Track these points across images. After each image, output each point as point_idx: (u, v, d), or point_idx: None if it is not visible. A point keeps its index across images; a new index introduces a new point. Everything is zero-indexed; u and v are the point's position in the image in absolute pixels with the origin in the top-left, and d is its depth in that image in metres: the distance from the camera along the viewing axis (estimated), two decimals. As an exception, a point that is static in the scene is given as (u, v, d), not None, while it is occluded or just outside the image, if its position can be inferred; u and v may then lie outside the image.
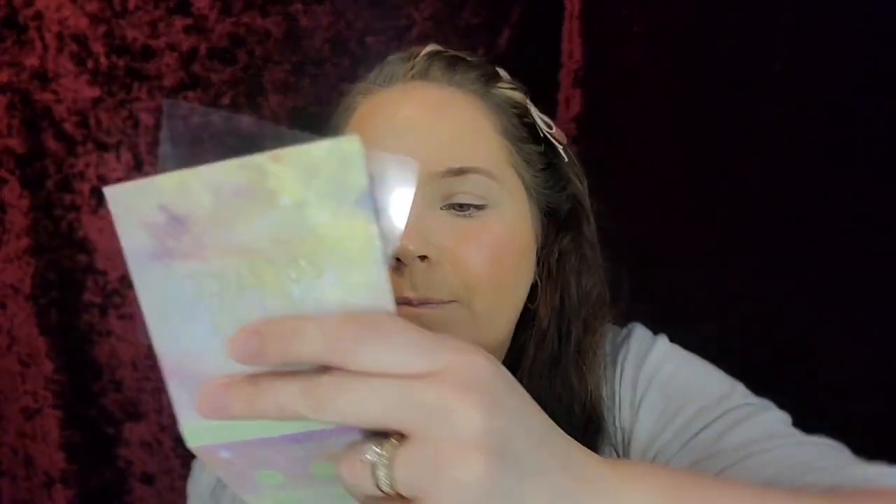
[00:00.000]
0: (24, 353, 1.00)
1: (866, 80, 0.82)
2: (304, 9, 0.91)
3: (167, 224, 0.28)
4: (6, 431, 1.03)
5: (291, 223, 0.27)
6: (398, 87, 0.55)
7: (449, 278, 0.49)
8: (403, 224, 0.38)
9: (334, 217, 0.27)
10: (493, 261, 0.51)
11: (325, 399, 0.27)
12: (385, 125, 0.52)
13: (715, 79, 0.87)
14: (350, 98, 0.58)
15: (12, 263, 0.98)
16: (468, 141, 0.52)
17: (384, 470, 0.27)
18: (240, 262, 0.28)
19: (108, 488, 1.04)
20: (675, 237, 0.90)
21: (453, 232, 0.50)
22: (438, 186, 0.50)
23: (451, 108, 0.53)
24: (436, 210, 0.50)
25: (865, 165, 0.83)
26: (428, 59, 0.55)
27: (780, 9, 0.84)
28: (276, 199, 0.27)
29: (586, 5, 0.90)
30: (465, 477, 0.25)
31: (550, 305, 0.56)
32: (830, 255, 0.85)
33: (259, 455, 0.30)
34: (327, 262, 0.27)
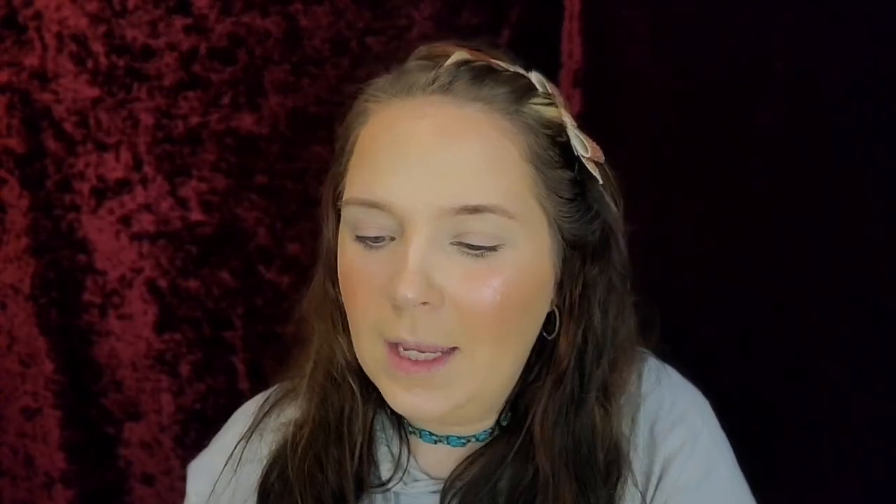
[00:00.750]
0: (24, 353, 1.00)
1: (866, 79, 0.82)
2: (304, 9, 0.91)
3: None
4: (6, 431, 1.03)
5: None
6: (416, 101, 0.49)
7: (451, 322, 0.47)
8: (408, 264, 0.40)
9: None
10: (500, 306, 0.47)
11: None
12: (397, 149, 0.48)
13: (715, 79, 0.87)
14: (363, 100, 0.53)
15: (12, 263, 0.98)
16: (487, 173, 0.47)
17: None
18: None
19: (108, 488, 1.04)
20: (674, 237, 0.90)
21: (459, 273, 0.47)
22: (449, 223, 0.46)
23: (472, 132, 0.47)
24: (443, 246, 0.47)
25: (866, 165, 0.83)
26: (453, 71, 0.50)
27: (780, 9, 0.84)
28: None
29: (586, 5, 0.90)
30: None
31: (572, 343, 0.52)
32: (831, 254, 0.85)
33: None
34: None
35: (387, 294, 0.47)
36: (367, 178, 0.49)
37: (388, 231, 0.48)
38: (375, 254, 0.49)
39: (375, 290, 0.48)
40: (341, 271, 0.52)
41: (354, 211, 0.49)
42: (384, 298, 0.47)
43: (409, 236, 0.46)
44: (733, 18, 0.86)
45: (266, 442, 0.60)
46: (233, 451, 0.61)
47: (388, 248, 0.48)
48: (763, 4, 0.85)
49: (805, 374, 0.84)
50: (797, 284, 0.85)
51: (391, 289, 0.46)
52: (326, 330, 0.57)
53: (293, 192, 0.94)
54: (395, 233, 0.48)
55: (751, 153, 0.87)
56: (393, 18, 0.91)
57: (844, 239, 0.84)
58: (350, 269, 0.50)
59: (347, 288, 0.51)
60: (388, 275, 0.47)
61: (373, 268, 0.48)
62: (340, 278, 0.52)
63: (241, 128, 0.93)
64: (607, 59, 0.91)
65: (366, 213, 0.48)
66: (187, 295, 0.98)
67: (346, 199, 0.50)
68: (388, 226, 0.48)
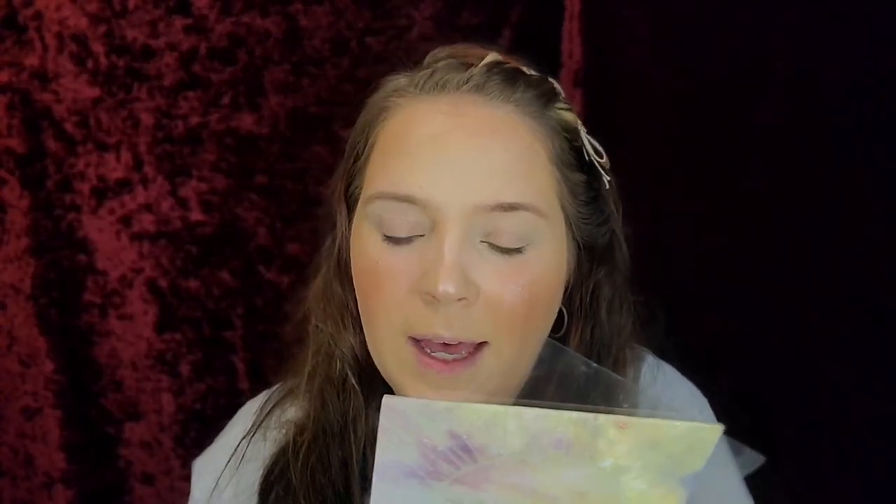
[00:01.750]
0: (24, 353, 1.00)
1: (866, 79, 0.82)
2: (304, 9, 0.91)
3: (450, 450, 0.27)
4: (6, 431, 1.03)
5: (602, 483, 0.27)
6: (449, 98, 0.49)
7: (483, 319, 0.47)
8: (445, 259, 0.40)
9: (650, 486, 0.27)
10: (528, 303, 0.48)
11: None
12: (435, 145, 0.48)
13: (715, 79, 0.87)
14: (382, 98, 0.53)
15: (12, 263, 0.98)
16: (521, 172, 0.48)
17: None
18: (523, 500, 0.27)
19: (108, 488, 1.04)
20: (674, 237, 0.90)
21: (492, 271, 0.47)
22: (483, 220, 0.47)
23: (507, 132, 0.48)
24: (475, 244, 0.47)
25: (866, 165, 0.83)
26: (486, 72, 0.50)
27: (780, 9, 0.84)
28: (599, 459, 0.27)
29: (586, 5, 0.90)
30: None
31: (581, 340, 0.54)
32: (831, 254, 0.85)
33: None
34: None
35: (420, 290, 0.46)
36: (400, 173, 0.48)
37: (417, 227, 0.48)
38: (402, 250, 0.48)
39: (405, 286, 0.47)
40: (360, 269, 0.50)
41: (382, 206, 0.48)
42: (414, 295, 0.47)
43: (444, 232, 0.46)
44: (733, 18, 0.86)
45: (269, 440, 0.60)
46: (236, 449, 0.60)
47: (416, 245, 0.48)
48: (763, 4, 0.85)
49: (805, 374, 0.84)
50: (797, 284, 0.85)
51: (428, 284, 0.45)
52: (333, 330, 0.56)
53: (293, 192, 0.94)
54: (425, 229, 0.47)
55: (750, 153, 0.87)
56: (393, 18, 0.91)
57: (844, 239, 0.85)
58: (373, 266, 0.49)
59: (368, 285, 0.49)
60: (418, 271, 0.46)
61: (400, 264, 0.47)
62: (358, 276, 0.51)
63: (241, 128, 0.93)
64: (607, 59, 0.91)
65: (396, 207, 0.48)
66: (187, 295, 0.98)
67: (373, 193, 0.49)
68: (419, 222, 0.47)
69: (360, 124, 0.54)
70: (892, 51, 0.80)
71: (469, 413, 0.27)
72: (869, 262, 0.84)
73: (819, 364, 0.83)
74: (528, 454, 0.27)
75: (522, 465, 0.27)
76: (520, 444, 0.27)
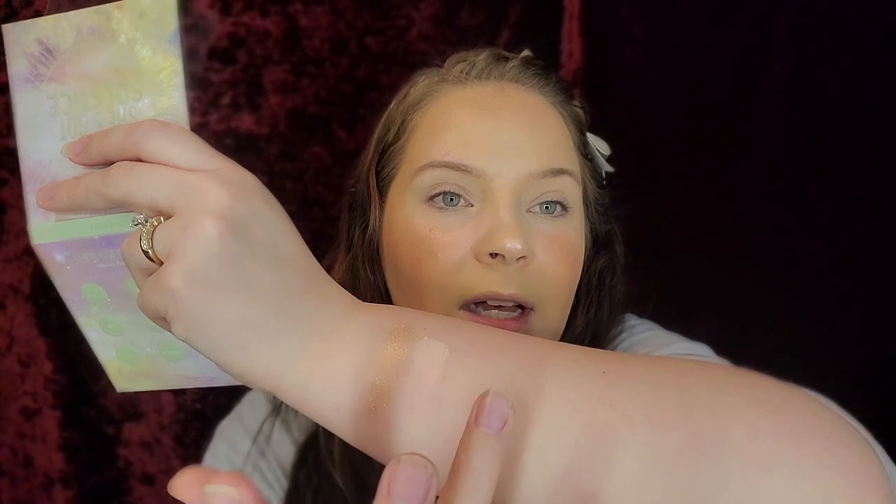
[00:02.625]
0: (24, 353, 1.00)
1: (866, 79, 0.82)
2: (304, 9, 0.91)
3: (41, 54, 0.36)
4: (6, 431, 1.03)
5: (125, 56, 0.36)
6: (494, 85, 0.54)
7: (534, 282, 0.50)
8: (507, 221, 0.47)
9: (153, 52, 0.36)
10: (572, 269, 0.52)
11: (115, 178, 0.33)
12: (487, 118, 0.51)
13: (715, 79, 0.87)
14: (423, 87, 0.56)
15: (12, 263, 0.98)
16: (563, 145, 0.53)
17: (147, 239, 0.32)
18: (86, 86, 0.36)
19: (108, 488, 1.04)
20: (673, 236, 0.90)
21: (542, 236, 0.50)
22: (533, 188, 0.50)
23: (546, 114, 0.54)
24: (524, 212, 0.51)
25: (866, 165, 0.83)
26: (523, 65, 0.56)
27: (780, 9, 0.84)
28: (116, 37, 0.36)
29: (586, 5, 0.90)
30: (202, 233, 0.31)
31: (588, 318, 0.58)
32: (830, 254, 0.85)
33: (84, 259, 0.36)
34: (145, 88, 0.36)
35: (482, 251, 0.48)
36: (452, 143, 0.50)
37: (468, 196, 0.50)
38: (454, 218, 0.50)
39: (460, 251, 0.49)
40: (410, 240, 0.52)
41: (434, 175, 0.50)
42: (471, 259, 0.49)
43: (498, 199, 0.49)
44: (732, 18, 0.86)
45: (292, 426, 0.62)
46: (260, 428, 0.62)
47: (467, 213, 0.50)
48: (762, 4, 0.85)
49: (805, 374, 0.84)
50: (797, 284, 0.86)
51: (493, 243, 0.48)
52: None
53: (293, 192, 0.94)
54: (475, 199, 0.50)
55: (750, 153, 0.87)
56: (393, 18, 0.91)
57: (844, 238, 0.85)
58: (425, 235, 0.50)
59: (421, 255, 0.51)
60: (475, 236, 0.49)
61: (455, 231, 0.50)
62: (407, 248, 0.52)
63: (241, 128, 0.93)
64: (607, 58, 0.91)
65: (448, 175, 0.50)
66: (187, 295, 0.98)
67: (425, 163, 0.51)
68: (470, 190, 0.50)
69: (395, 113, 0.57)
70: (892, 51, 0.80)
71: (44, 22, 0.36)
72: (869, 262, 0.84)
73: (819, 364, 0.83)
74: (78, 43, 0.36)
75: (77, 55, 0.36)
76: (72, 38, 0.36)
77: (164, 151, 0.33)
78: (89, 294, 0.38)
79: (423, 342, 0.32)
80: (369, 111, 0.93)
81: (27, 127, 0.37)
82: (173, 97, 0.36)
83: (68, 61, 0.36)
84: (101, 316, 0.39)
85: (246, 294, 0.32)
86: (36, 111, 0.37)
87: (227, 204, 0.32)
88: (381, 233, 0.56)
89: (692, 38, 0.88)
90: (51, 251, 0.37)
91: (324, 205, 0.92)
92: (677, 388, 0.31)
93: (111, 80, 0.36)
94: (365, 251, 0.57)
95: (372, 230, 0.56)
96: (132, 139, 0.34)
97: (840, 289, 0.85)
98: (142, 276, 0.33)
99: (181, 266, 0.31)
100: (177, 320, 0.32)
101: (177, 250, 0.31)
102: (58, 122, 0.37)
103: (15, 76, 0.37)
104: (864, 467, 0.28)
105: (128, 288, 0.37)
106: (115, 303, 0.38)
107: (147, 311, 0.33)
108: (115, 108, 0.36)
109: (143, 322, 0.38)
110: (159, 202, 0.32)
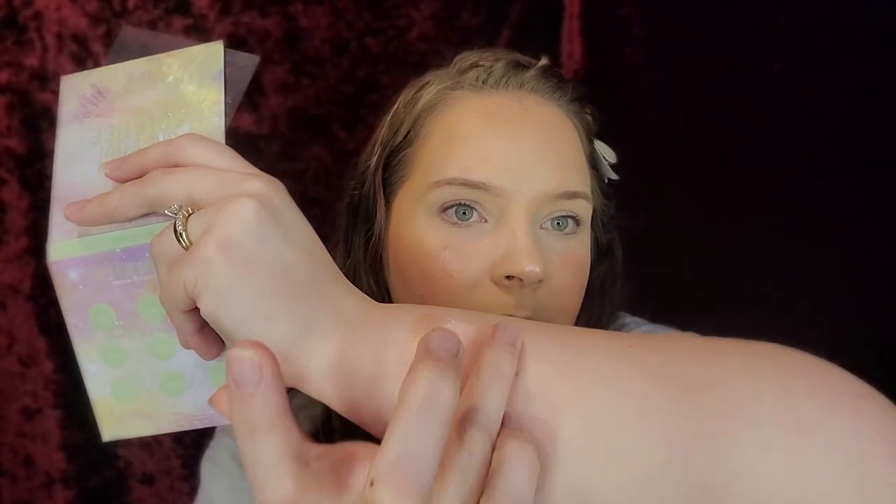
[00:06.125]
0: (24, 353, 1.00)
1: (866, 79, 0.82)
2: (304, 9, 0.91)
3: (92, 95, 0.40)
4: (6, 431, 1.03)
5: (170, 92, 0.40)
6: (512, 95, 0.53)
7: (546, 300, 0.49)
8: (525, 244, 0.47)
9: (198, 87, 0.40)
10: (580, 286, 0.52)
11: (153, 177, 0.34)
12: (509, 135, 0.50)
13: (715, 79, 0.87)
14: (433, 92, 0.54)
15: (12, 263, 0.98)
16: (579, 164, 0.52)
17: (182, 223, 0.33)
18: (130, 118, 0.39)
19: (108, 488, 1.04)
20: (674, 236, 0.90)
21: (556, 256, 0.50)
22: (546, 208, 0.50)
23: (563, 129, 0.53)
24: (537, 229, 0.50)
25: (866, 165, 0.83)
26: (541, 75, 0.54)
27: (780, 9, 0.84)
28: (165, 77, 0.40)
29: (586, 5, 0.90)
30: (239, 209, 0.31)
31: (588, 321, 0.58)
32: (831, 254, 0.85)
33: (100, 276, 0.37)
34: (187, 117, 0.39)
35: (499, 273, 0.48)
36: (475, 161, 0.49)
37: (484, 213, 0.49)
38: (466, 232, 0.49)
39: (476, 270, 0.48)
40: (422, 256, 0.50)
41: (450, 192, 0.49)
42: (486, 279, 0.48)
43: (515, 218, 0.48)
44: (732, 18, 0.86)
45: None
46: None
47: (483, 229, 0.49)
48: (762, 4, 0.85)
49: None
50: (797, 283, 0.85)
51: (513, 266, 0.47)
52: None
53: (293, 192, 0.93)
54: (491, 216, 0.49)
55: (750, 153, 0.87)
56: (393, 18, 0.91)
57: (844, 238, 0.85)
58: (436, 251, 0.49)
59: (430, 272, 0.50)
60: (492, 255, 0.48)
61: (468, 248, 0.49)
62: (419, 263, 0.51)
63: (241, 128, 0.93)
64: (607, 58, 0.91)
65: (465, 193, 0.49)
66: (187, 295, 0.98)
67: (440, 180, 0.49)
68: (488, 207, 0.49)
69: (401, 119, 0.55)
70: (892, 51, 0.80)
71: (100, 70, 0.41)
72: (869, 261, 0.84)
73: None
74: (129, 84, 0.40)
75: (127, 94, 0.40)
76: (123, 80, 0.40)
77: (202, 158, 0.35)
78: (96, 317, 0.38)
79: (452, 324, 0.32)
80: (369, 111, 0.93)
81: (66, 156, 0.39)
82: (212, 121, 0.39)
83: (117, 99, 0.40)
84: (104, 343, 0.39)
85: (277, 270, 0.32)
86: (78, 142, 0.39)
87: (262, 190, 0.33)
88: (387, 242, 0.54)
89: (692, 38, 0.88)
90: (66, 268, 0.37)
91: (324, 205, 0.92)
92: (706, 357, 0.31)
93: (156, 111, 0.39)
94: (368, 259, 0.56)
95: (376, 238, 0.55)
96: (171, 148, 0.35)
97: (841, 289, 0.85)
98: (167, 271, 0.33)
99: (216, 236, 0.31)
100: (205, 291, 0.31)
101: (212, 225, 0.32)
102: (98, 149, 0.39)
103: (64, 115, 0.40)
104: (888, 419, 0.29)
105: (139, 308, 0.38)
106: (122, 326, 0.38)
107: (173, 295, 0.33)
108: (155, 135, 0.39)
109: (147, 350, 0.38)
110: (196, 195, 0.33)
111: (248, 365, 0.25)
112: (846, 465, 0.27)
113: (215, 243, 0.31)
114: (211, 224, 0.32)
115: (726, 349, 0.31)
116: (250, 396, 0.25)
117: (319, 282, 0.33)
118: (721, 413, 0.28)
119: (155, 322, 0.38)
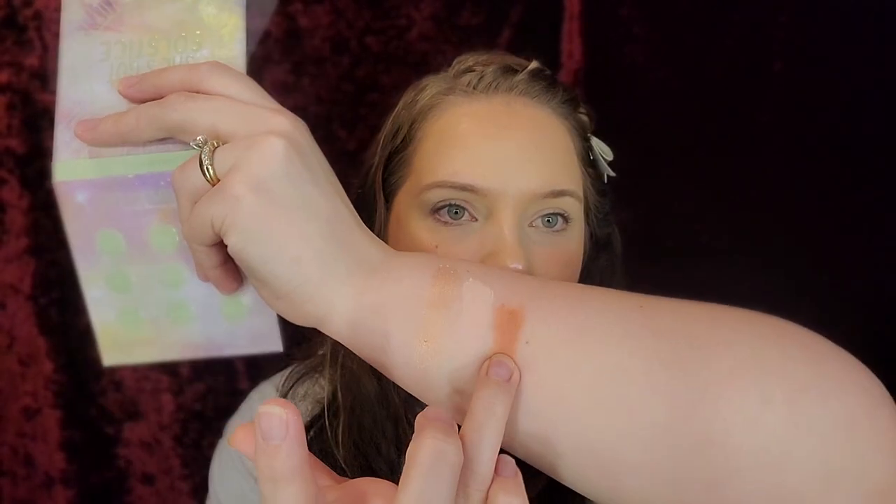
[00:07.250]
0: (24, 353, 1.00)
1: (866, 79, 0.82)
2: (304, 9, 0.91)
3: (99, 5, 0.38)
4: (6, 431, 1.03)
5: (188, 12, 0.37)
6: (501, 99, 0.54)
7: None
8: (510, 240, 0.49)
9: (218, 10, 0.38)
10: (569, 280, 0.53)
11: (175, 102, 0.33)
12: (495, 138, 0.52)
13: (715, 79, 0.87)
14: (429, 95, 0.56)
15: (12, 263, 0.98)
16: (567, 163, 0.54)
17: (208, 156, 0.32)
18: (143, 36, 0.37)
19: (108, 488, 1.04)
20: (674, 236, 0.90)
21: (543, 252, 0.51)
22: (534, 207, 0.51)
23: (552, 130, 0.54)
24: (525, 227, 0.52)
25: (866, 165, 0.83)
26: (531, 78, 0.56)
27: (780, 8, 0.84)
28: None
29: (586, 5, 0.90)
30: (269, 149, 0.31)
31: None
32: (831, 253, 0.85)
33: (110, 201, 0.35)
34: (206, 41, 0.37)
35: None
36: (460, 164, 0.51)
37: (473, 213, 0.51)
38: (457, 231, 0.51)
39: None
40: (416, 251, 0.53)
41: (441, 193, 0.51)
42: None
43: (502, 217, 0.50)
44: (732, 18, 0.86)
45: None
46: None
47: (470, 229, 0.51)
48: (762, 4, 0.85)
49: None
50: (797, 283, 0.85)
51: (495, 262, 0.49)
52: None
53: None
54: (480, 215, 0.51)
55: (750, 153, 0.87)
56: (393, 18, 0.91)
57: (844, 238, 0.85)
58: (429, 249, 0.52)
59: None
60: (480, 251, 0.50)
61: (458, 247, 0.51)
62: None
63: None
64: (607, 58, 0.91)
65: (454, 195, 0.51)
66: (187, 295, 0.98)
67: (431, 182, 0.52)
68: (475, 208, 0.51)
69: (401, 120, 0.57)
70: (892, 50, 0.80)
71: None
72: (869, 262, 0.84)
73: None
74: (142, 0, 0.38)
75: (139, 8, 0.38)
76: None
77: (227, 89, 0.34)
78: (104, 243, 0.37)
79: (469, 283, 0.33)
80: (370, 111, 0.93)
81: (72, 70, 0.37)
82: (233, 49, 0.37)
83: (128, 13, 0.37)
84: (110, 269, 0.37)
85: (305, 213, 0.32)
86: (85, 57, 0.37)
87: (289, 129, 0.33)
88: (387, 239, 0.56)
89: (692, 38, 0.88)
90: (73, 190, 0.35)
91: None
92: (711, 319, 0.33)
93: (171, 31, 0.37)
94: None
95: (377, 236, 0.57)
96: (195, 74, 0.34)
97: (841, 288, 0.85)
98: (190, 204, 0.33)
99: (245, 174, 0.31)
100: (234, 229, 0.32)
101: (241, 163, 0.31)
102: (107, 66, 0.37)
103: (67, 23, 0.37)
104: (874, 386, 0.31)
105: (149, 237, 0.37)
106: (130, 253, 0.37)
107: (197, 230, 0.33)
108: (171, 57, 0.37)
109: (155, 277, 0.38)
110: (220, 127, 0.33)
111: (276, 420, 0.26)
112: (835, 420, 0.29)
113: (245, 182, 0.31)
114: (240, 161, 0.31)
115: (728, 312, 0.33)
116: (276, 449, 0.26)
117: (344, 226, 0.34)
118: (725, 369, 0.30)
119: (165, 251, 0.37)
